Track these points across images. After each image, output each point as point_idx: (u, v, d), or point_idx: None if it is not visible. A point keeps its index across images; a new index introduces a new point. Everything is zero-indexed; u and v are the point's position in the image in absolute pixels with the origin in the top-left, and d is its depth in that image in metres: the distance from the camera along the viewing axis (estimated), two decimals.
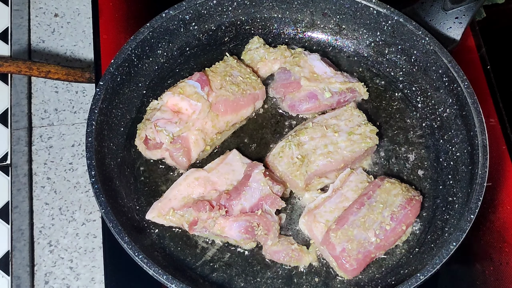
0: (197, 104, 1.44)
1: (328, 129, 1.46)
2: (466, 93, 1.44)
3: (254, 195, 1.38)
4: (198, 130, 1.45)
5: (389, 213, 1.37)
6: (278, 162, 1.44)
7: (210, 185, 1.41)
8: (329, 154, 1.43)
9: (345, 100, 1.54)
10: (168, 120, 1.44)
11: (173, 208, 1.38)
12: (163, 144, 1.43)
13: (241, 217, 1.36)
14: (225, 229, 1.36)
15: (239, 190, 1.38)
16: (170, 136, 1.42)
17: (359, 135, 1.46)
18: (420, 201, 1.41)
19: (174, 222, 1.39)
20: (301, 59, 1.55)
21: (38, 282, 1.50)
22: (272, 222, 1.37)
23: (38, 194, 1.59)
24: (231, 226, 1.36)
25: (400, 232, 1.38)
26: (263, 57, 1.58)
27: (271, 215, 1.38)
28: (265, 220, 1.36)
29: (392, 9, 1.54)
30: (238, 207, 1.37)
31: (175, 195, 1.40)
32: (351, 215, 1.36)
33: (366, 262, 1.36)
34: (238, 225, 1.36)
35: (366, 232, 1.35)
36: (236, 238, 1.36)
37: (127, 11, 1.71)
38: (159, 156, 1.47)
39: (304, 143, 1.45)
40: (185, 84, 1.46)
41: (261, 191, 1.38)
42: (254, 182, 1.38)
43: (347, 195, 1.41)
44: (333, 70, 1.55)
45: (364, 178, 1.44)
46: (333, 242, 1.34)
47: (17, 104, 1.68)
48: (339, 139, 1.45)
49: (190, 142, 1.44)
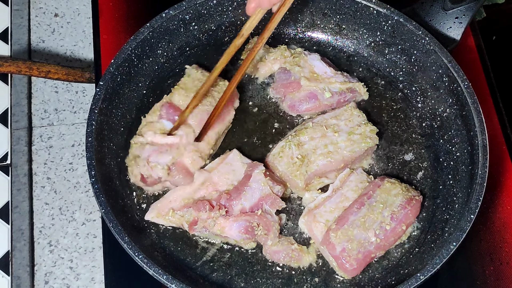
0: (178, 133, 1.43)
1: (328, 129, 1.46)
2: (466, 93, 1.44)
3: (254, 195, 1.38)
4: (193, 151, 1.43)
5: (389, 213, 1.37)
6: (278, 162, 1.43)
7: (211, 185, 1.41)
8: (329, 154, 1.43)
9: (345, 100, 1.54)
10: (159, 151, 1.41)
11: (173, 208, 1.38)
12: (162, 177, 1.41)
13: (241, 217, 1.36)
14: (225, 229, 1.36)
15: (240, 190, 1.38)
16: (165, 168, 1.40)
17: (359, 135, 1.46)
18: (420, 201, 1.41)
19: (174, 222, 1.39)
20: (301, 59, 1.55)
21: (38, 282, 1.50)
22: (272, 222, 1.37)
23: (38, 194, 1.59)
24: (231, 226, 1.36)
25: (400, 232, 1.38)
26: (263, 57, 1.58)
27: (271, 215, 1.38)
28: (265, 220, 1.36)
29: (392, 9, 1.54)
30: (238, 207, 1.37)
31: (175, 196, 1.40)
32: (351, 215, 1.36)
33: (366, 262, 1.36)
34: (238, 225, 1.36)
35: (366, 232, 1.35)
36: (236, 238, 1.36)
37: (127, 11, 1.71)
38: (161, 188, 1.45)
39: (304, 143, 1.44)
40: (161, 124, 1.44)
41: (261, 191, 1.38)
42: (255, 182, 1.38)
43: (347, 195, 1.41)
44: (333, 70, 1.55)
45: (364, 178, 1.44)
46: (333, 242, 1.34)
47: (17, 104, 1.68)
48: (339, 139, 1.45)
49: (187, 165, 1.42)
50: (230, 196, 1.38)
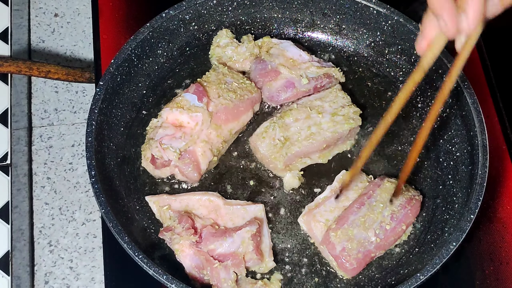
0: (197, 115, 1.43)
1: (312, 110, 1.47)
2: (466, 93, 1.44)
3: (230, 247, 1.33)
4: (204, 141, 1.43)
5: (389, 212, 1.37)
6: (260, 142, 1.44)
7: (214, 213, 1.40)
8: (311, 135, 1.44)
9: (321, 86, 1.53)
10: (172, 136, 1.42)
11: (171, 207, 1.39)
12: (171, 161, 1.41)
13: (200, 254, 1.32)
14: (182, 253, 1.33)
15: (225, 234, 1.34)
16: (177, 152, 1.40)
17: (342, 116, 1.46)
18: (420, 200, 1.41)
19: (160, 217, 1.40)
20: (274, 47, 1.54)
21: (38, 282, 1.50)
22: (223, 279, 1.31)
23: (38, 194, 1.59)
24: (187, 254, 1.32)
25: (400, 231, 1.38)
26: (232, 58, 1.57)
27: (227, 273, 1.31)
28: (216, 275, 1.31)
29: (392, 9, 1.54)
30: (210, 246, 1.33)
31: (182, 199, 1.40)
32: (351, 215, 1.36)
33: (366, 261, 1.36)
34: (193, 258, 1.32)
35: (366, 231, 1.35)
36: (186, 267, 1.33)
37: (127, 11, 1.71)
38: (169, 173, 1.45)
39: (289, 125, 1.45)
40: (182, 98, 1.45)
41: (237, 248, 1.33)
42: (239, 237, 1.34)
43: (347, 195, 1.41)
44: (308, 54, 1.55)
45: (364, 178, 1.44)
46: (333, 242, 1.34)
47: (17, 104, 1.68)
48: (322, 120, 1.46)
49: (198, 155, 1.42)
50: (214, 232, 1.34)
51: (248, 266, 1.35)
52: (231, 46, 1.56)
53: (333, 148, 1.49)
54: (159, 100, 1.53)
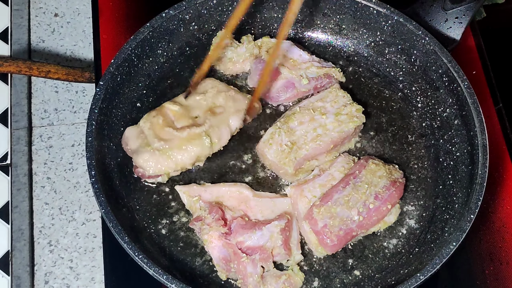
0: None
1: (316, 112, 1.47)
2: (466, 93, 1.44)
3: (259, 240, 1.34)
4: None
5: (373, 193, 1.37)
6: (267, 149, 1.44)
7: (244, 205, 1.40)
8: (318, 137, 1.44)
9: (321, 86, 1.54)
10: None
11: (201, 197, 1.39)
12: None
13: (229, 246, 1.33)
14: (211, 244, 1.33)
15: (254, 227, 1.35)
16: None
17: (346, 115, 1.46)
18: (404, 183, 1.42)
19: (191, 207, 1.40)
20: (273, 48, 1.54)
21: (38, 282, 1.50)
22: (249, 273, 1.31)
23: (38, 194, 1.59)
24: (216, 245, 1.33)
25: (384, 211, 1.38)
26: (232, 59, 1.57)
27: (254, 266, 1.32)
28: (242, 269, 1.31)
29: (392, 9, 1.54)
30: (239, 238, 1.34)
31: (212, 190, 1.41)
32: (335, 193, 1.38)
33: (347, 239, 1.36)
34: (221, 250, 1.33)
35: (349, 210, 1.35)
36: (213, 258, 1.34)
37: (127, 11, 1.71)
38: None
39: (293, 129, 1.45)
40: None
41: (265, 242, 1.34)
42: (268, 230, 1.35)
43: (334, 175, 1.42)
44: (308, 54, 1.56)
45: (350, 159, 1.45)
46: (316, 218, 1.35)
47: (17, 104, 1.68)
48: (327, 121, 1.46)
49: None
50: (244, 225, 1.35)
51: (275, 260, 1.35)
52: (231, 48, 1.56)
53: (339, 148, 1.49)
54: (159, 100, 1.53)
